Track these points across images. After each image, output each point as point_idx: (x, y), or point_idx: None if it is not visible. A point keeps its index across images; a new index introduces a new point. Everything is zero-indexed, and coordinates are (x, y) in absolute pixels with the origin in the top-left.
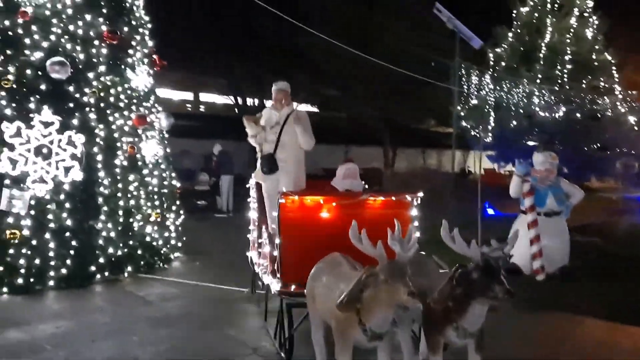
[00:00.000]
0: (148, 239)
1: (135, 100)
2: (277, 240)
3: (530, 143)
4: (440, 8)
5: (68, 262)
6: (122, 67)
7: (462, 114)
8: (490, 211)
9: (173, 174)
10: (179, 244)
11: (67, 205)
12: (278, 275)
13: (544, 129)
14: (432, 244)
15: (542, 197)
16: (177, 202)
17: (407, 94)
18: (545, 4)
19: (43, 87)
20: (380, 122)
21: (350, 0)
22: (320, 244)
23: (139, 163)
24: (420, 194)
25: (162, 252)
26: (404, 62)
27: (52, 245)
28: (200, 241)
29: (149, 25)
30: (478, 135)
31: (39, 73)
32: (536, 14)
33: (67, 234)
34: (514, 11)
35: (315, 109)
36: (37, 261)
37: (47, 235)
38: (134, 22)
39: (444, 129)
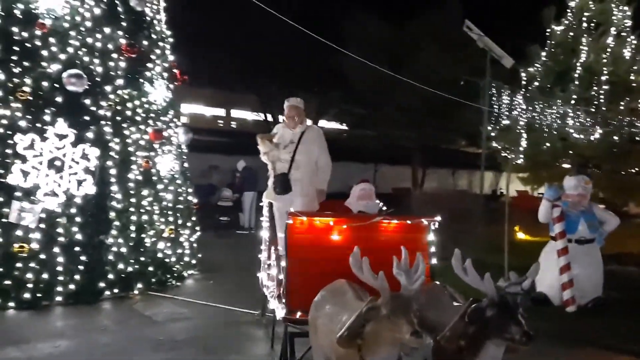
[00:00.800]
0: (160, 255)
1: (152, 114)
2: (283, 263)
3: (565, 165)
4: (471, 26)
5: (77, 277)
6: (140, 80)
7: (493, 134)
8: (521, 235)
9: (190, 190)
10: (193, 261)
11: (78, 219)
12: (283, 300)
13: (579, 151)
14: (452, 270)
15: (574, 223)
16: (193, 218)
17: (438, 114)
18: (581, 23)
19: (59, 99)
20: (411, 142)
21: (383, 22)
22: (329, 269)
23: (154, 178)
24: (438, 218)
25: (174, 269)
26: (435, 82)
27: (61, 259)
28: (217, 258)
29: (170, 40)
30: (508, 156)
31: (56, 85)
32: (571, 33)
33: (77, 248)
34: (548, 30)
35: (344, 127)
36: (45, 276)
37: (57, 250)
38: (154, 36)
39: (474, 149)
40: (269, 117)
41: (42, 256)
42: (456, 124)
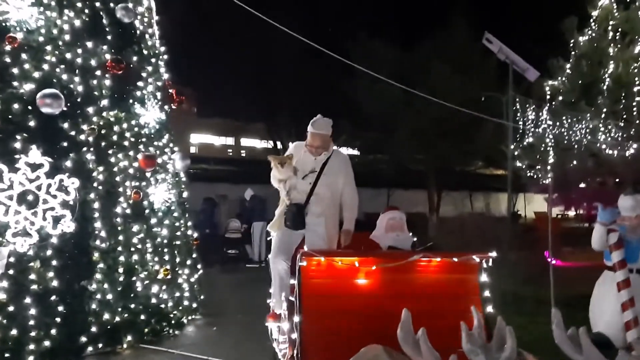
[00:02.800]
0: (154, 301)
1: (143, 139)
2: (297, 319)
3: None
4: (491, 38)
5: (53, 332)
6: (129, 101)
7: (516, 153)
8: (552, 261)
9: (189, 223)
10: (194, 305)
11: (55, 262)
12: None
13: (612, 168)
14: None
15: (634, 251)
16: (194, 255)
17: (453, 135)
18: (606, 33)
19: (32, 123)
20: (425, 165)
21: (390, 45)
22: (356, 326)
23: (146, 211)
24: (493, 254)
25: (171, 316)
26: (450, 102)
27: (33, 311)
28: (223, 298)
29: (165, 57)
30: (534, 176)
31: (29, 107)
32: (596, 44)
33: (53, 297)
34: (572, 41)
35: (356, 152)
36: (13, 332)
37: (28, 300)
38: (145, 52)
39: (491, 170)
40: (279, 145)
41: (11, 308)
42: (472, 144)
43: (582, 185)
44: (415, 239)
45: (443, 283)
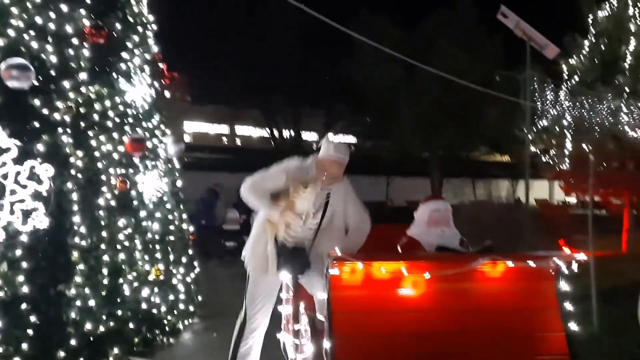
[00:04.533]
0: (145, 306)
1: (130, 119)
2: (328, 343)
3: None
4: (507, 12)
5: (24, 347)
6: (113, 74)
7: (530, 137)
8: (567, 251)
9: (184, 215)
10: (191, 308)
11: (25, 264)
12: None
13: (636, 152)
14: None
15: None
16: (190, 252)
17: (458, 120)
18: (627, 7)
19: None
20: (427, 151)
21: (394, 23)
22: (402, 349)
23: (134, 202)
24: (582, 256)
25: (165, 322)
26: (454, 85)
27: None
28: (223, 297)
29: (153, 27)
30: (550, 161)
31: None
32: (616, 20)
33: (24, 306)
34: (590, 17)
35: (353, 139)
36: None
37: None
38: (130, 19)
39: (492, 156)
40: (275, 132)
41: None
42: (477, 129)
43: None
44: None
45: (511, 293)
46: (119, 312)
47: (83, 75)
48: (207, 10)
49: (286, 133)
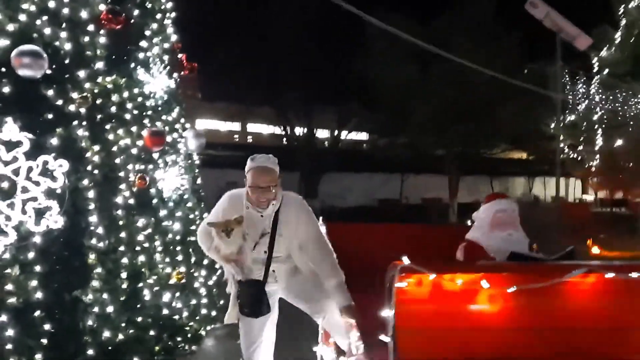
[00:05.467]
0: (166, 311)
1: (149, 112)
2: None
3: None
4: (537, 1)
5: (38, 357)
6: (131, 64)
7: (557, 132)
8: (596, 251)
9: (205, 214)
10: (214, 313)
11: (38, 268)
12: None
13: None
14: None
15: None
16: None
17: (474, 116)
18: None
19: (7, 89)
20: (445, 148)
21: (408, 19)
22: None
23: (153, 201)
24: None
25: (187, 328)
26: (475, 78)
27: (11, 332)
28: None
29: (172, 14)
30: (578, 157)
31: (2, 69)
32: None
33: (37, 313)
34: (621, 8)
35: (365, 137)
36: None
37: (4, 317)
38: (148, 5)
39: (509, 154)
40: (287, 130)
41: None
42: (496, 125)
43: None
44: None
45: (609, 309)
46: (139, 319)
47: (99, 64)
48: (217, 6)
49: (298, 130)
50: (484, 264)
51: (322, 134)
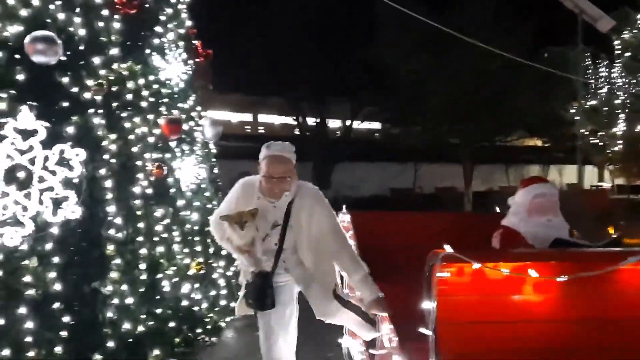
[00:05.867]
0: (185, 302)
1: (165, 99)
2: None
3: None
4: None
5: (57, 350)
6: (146, 50)
7: (577, 118)
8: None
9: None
10: (232, 304)
11: (56, 259)
12: None
13: None
14: None
15: None
16: None
17: (489, 104)
18: None
19: (21, 76)
20: (460, 137)
21: (420, 5)
22: None
23: (171, 190)
24: None
25: (207, 320)
26: (490, 64)
27: (30, 324)
28: None
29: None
30: (598, 142)
31: (15, 56)
32: None
33: (56, 305)
34: None
35: (378, 126)
36: (5, 352)
37: (23, 309)
38: None
39: (524, 141)
40: (300, 119)
41: (0, 320)
42: (511, 113)
43: None
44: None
45: None
46: (159, 311)
47: (114, 51)
48: None
49: (310, 120)
50: (532, 252)
51: (334, 123)
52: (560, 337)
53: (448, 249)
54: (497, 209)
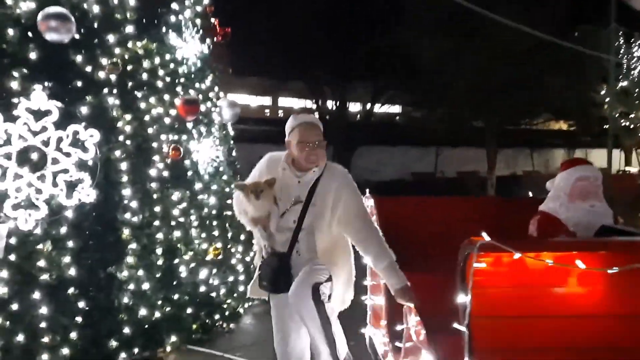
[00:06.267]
0: (203, 288)
1: (182, 79)
2: None
3: None
4: None
5: (72, 335)
6: (162, 28)
7: (607, 100)
8: None
9: None
10: None
11: (71, 243)
12: None
13: None
14: None
15: None
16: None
17: (516, 86)
18: None
19: (33, 55)
20: (482, 120)
21: None
22: None
23: (188, 173)
24: None
25: (225, 306)
26: (520, 45)
27: (44, 310)
28: None
29: None
30: (631, 125)
31: (28, 34)
32: None
33: (71, 290)
34: None
35: (398, 109)
36: (19, 337)
37: (37, 295)
38: None
39: (548, 125)
40: (319, 103)
41: (14, 306)
42: (539, 95)
43: None
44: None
45: None
46: (176, 296)
47: (129, 28)
48: None
49: (330, 104)
50: (579, 241)
51: (354, 107)
52: (607, 334)
53: (486, 237)
54: (530, 194)
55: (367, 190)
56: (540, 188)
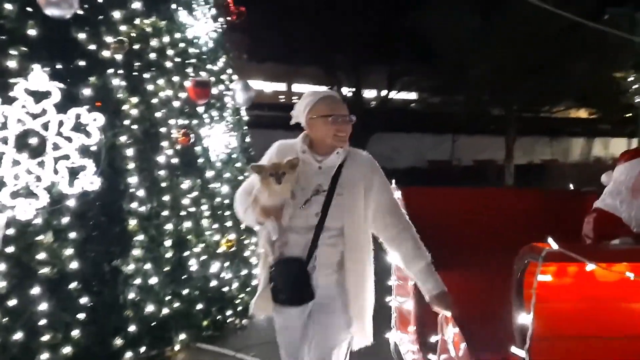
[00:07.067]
0: (214, 283)
1: (192, 60)
2: None
3: None
4: None
5: (74, 333)
6: (172, 5)
7: (636, 86)
8: None
9: None
10: None
11: (74, 234)
12: None
13: None
14: None
15: None
16: None
17: (540, 71)
18: None
19: (33, 32)
20: (502, 107)
21: None
22: None
23: (199, 160)
24: None
25: (237, 301)
26: (548, 27)
27: (45, 306)
28: None
29: None
30: None
31: (27, 9)
32: None
33: (74, 284)
34: None
35: (414, 96)
36: (18, 335)
37: (37, 289)
38: None
39: (567, 113)
40: (335, 89)
41: (13, 302)
42: (563, 81)
43: None
44: None
45: None
46: (185, 291)
47: (136, 4)
48: None
49: (345, 90)
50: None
51: (370, 93)
52: None
53: (553, 244)
54: (571, 186)
55: (394, 181)
56: (562, 177)
